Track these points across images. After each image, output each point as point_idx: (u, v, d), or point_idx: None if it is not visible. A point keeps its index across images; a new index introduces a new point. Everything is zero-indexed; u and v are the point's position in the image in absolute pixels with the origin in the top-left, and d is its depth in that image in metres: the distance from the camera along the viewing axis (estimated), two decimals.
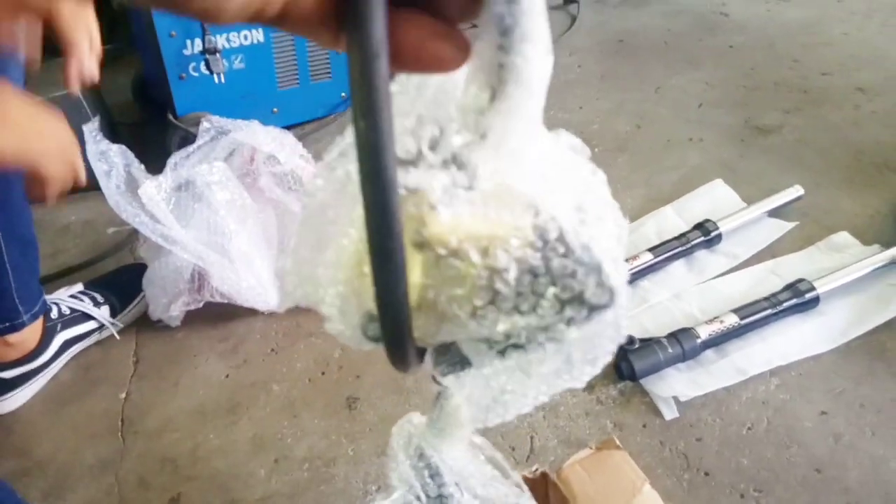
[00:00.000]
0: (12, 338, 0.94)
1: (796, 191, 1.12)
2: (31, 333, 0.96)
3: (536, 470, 0.55)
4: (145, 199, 1.00)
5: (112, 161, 0.99)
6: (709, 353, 0.90)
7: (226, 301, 1.04)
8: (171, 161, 1.04)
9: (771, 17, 1.87)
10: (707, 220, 1.07)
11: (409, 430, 0.44)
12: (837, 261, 1.01)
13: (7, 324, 0.92)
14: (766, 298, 0.93)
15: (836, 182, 1.21)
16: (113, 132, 1.47)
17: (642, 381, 0.88)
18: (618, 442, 0.56)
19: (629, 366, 0.88)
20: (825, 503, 0.74)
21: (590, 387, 0.91)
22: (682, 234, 1.06)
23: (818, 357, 0.89)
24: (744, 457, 0.79)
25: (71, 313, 1.02)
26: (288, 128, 1.14)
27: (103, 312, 1.05)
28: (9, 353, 0.95)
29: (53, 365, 1.01)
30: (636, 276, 1.02)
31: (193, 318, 1.07)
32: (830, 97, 1.48)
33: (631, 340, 0.89)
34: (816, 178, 1.21)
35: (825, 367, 0.88)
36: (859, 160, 1.27)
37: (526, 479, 0.57)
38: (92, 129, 0.96)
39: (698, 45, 1.75)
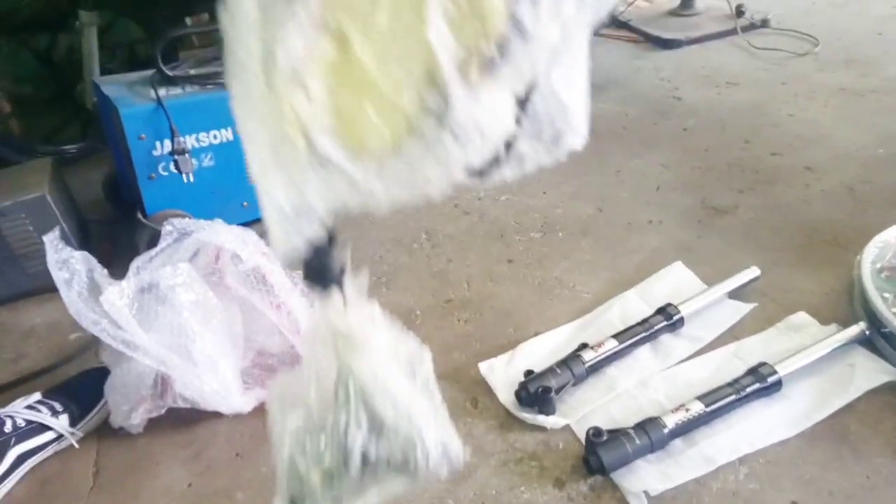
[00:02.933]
0: None
1: (753, 272, 1.15)
2: None
3: None
4: (107, 306, 0.99)
5: (74, 268, 0.99)
6: (677, 442, 0.90)
7: (189, 406, 1.02)
8: (133, 265, 1.04)
9: (721, 100, 1.97)
10: (669, 305, 1.09)
11: None
12: (797, 341, 1.03)
13: None
14: (729, 384, 0.94)
15: (791, 260, 1.25)
16: (84, 231, 1.48)
17: (613, 476, 0.87)
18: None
19: (598, 459, 0.87)
20: None
21: (559, 483, 0.89)
22: (646, 320, 1.08)
23: (785, 443, 0.89)
24: None
25: (27, 425, 0.99)
26: (257, 221, 1.16)
27: (62, 422, 1.02)
28: None
29: (7, 481, 0.97)
30: (602, 364, 1.03)
31: (156, 424, 1.04)
32: (781, 176, 1.55)
33: (598, 433, 0.89)
34: (772, 257, 1.25)
35: (792, 454, 0.88)
36: (812, 238, 1.32)
37: None
38: (53, 238, 0.96)
39: (654, 129, 1.83)
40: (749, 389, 0.93)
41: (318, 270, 0.53)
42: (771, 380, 0.94)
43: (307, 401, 0.57)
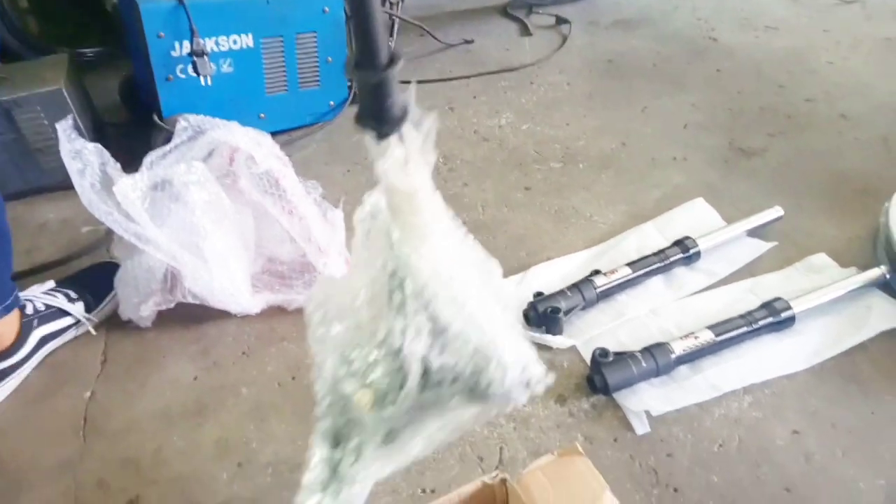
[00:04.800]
0: None
1: (776, 211, 1.12)
2: (6, 328, 0.95)
3: (496, 476, 0.54)
4: (120, 198, 0.98)
5: (87, 159, 0.98)
6: (683, 368, 0.89)
7: (198, 302, 1.02)
8: (146, 160, 1.03)
9: (759, 44, 1.90)
10: (686, 238, 1.07)
11: None
12: (815, 282, 1.01)
13: None
14: (741, 316, 0.92)
15: (816, 206, 1.22)
16: (100, 132, 1.47)
17: (615, 395, 0.87)
18: (580, 448, 0.55)
19: (602, 379, 0.87)
20: None
21: (562, 399, 0.90)
22: (661, 251, 1.06)
23: (792, 376, 0.89)
24: (714, 474, 0.78)
25: (46, 309, 1.00)
26: (274, 134, 1.14)
27: (78, 308, 1.04)
28: None
29: (30, 361, 0.99)
30: (614, 290, 1.02)
31: (164, 319, 1.05)
32: (814, 123, 1.49)
33: (605, 353, 0.88)
34: (798, 201, 1.21)
35: (799, 387, 0.87)
36: (840, 185, 1.28)
37: (485, 485, 0.56)
38: (66, 126, 0.95)
39: (686, 69, 1.77)
40: (761, 322, 0.91)
41: (375, 109, 0.41)
42: (784, 315, 0.92)
43: (355, 307, 0.47)
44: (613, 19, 2.06)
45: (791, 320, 0.92)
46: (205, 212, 1.03)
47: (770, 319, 0.92)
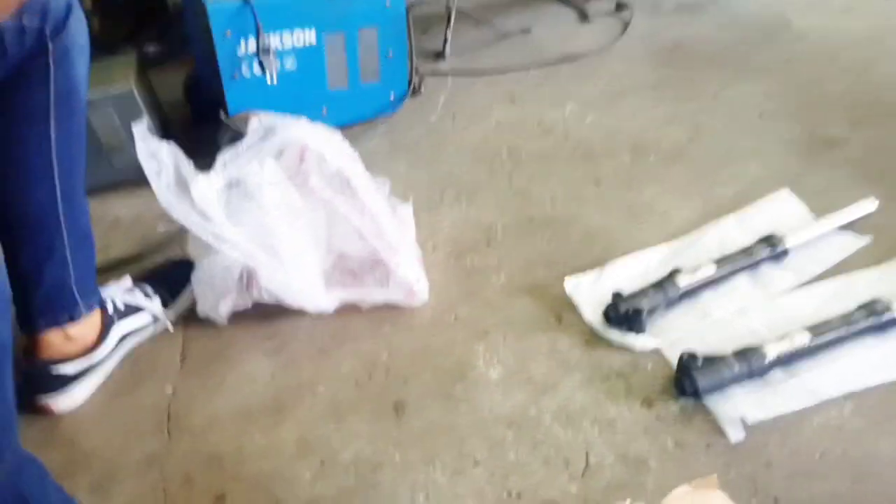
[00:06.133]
0: (73, 331, 0.94)
1: (870, 204, 1.06)
2: (90, 327, 0.97)
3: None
4: (197, 198, 0.99)
5: (162, 160, 0.98)
6: (777, 372, 0.86)
7: (273, 301, 1.03)
8: (220, 159, 1.03)
9: (835, 27, 1.80)
10: (772, 235, 1.02)
11: None
12: None
13: (67, 315, 0.92)
14: (839, 317, 0.88)
15: None
16: (165, 128, 1.49)
17: (705, 400, 0.84)
18: (717, 481, 0.52)
19: (692, 383, 0.84)
20: None
21: (648, 402, 0.87)
22: (747, 248, 1.01)
23: (895, 384, 0.84)
24: (815, 487, 0.75)
25: (125, 307, 1.02)
26: (336, 128, 1.13)
27: (156, 305, 1.05)
28: (70, 348, 0.95)
29: (113, 357, 1.01)
30: (698, 290, 0.98)
31: (241, 317, 1.07)
32: None
33: (694, 356, 0.85)
34: (889, 192, 1.14)
35: None
36: None
37: None
38: (141, 128, 0.96)
39: (756, 54, 1.69)
40: (861, 325, 0.87)
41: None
42: (886, 317, 0.87)
43: None
44: (676, 3, 1.99)
45: (893, 322, 0.87)
46: (279, 212, 1.03)
47: (872, 321, 0.87)
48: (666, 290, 0.96)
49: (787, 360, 0.85)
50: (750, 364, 0.84)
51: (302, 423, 0.92)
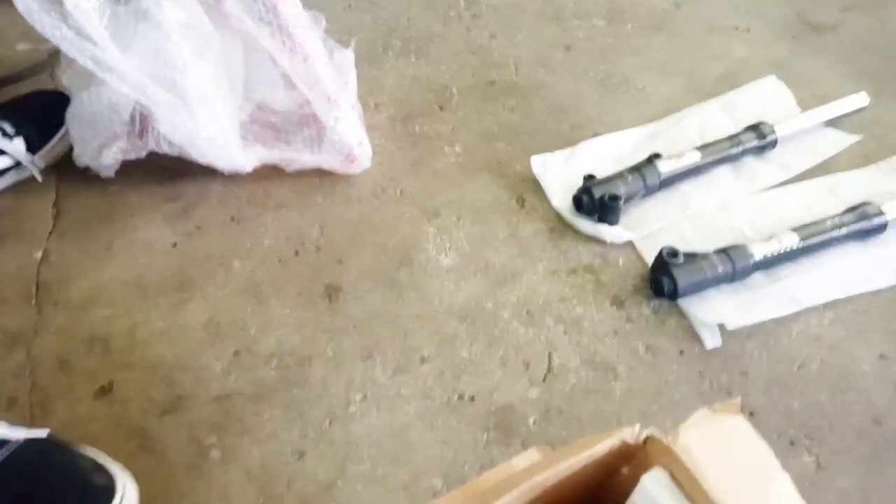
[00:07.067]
0: None
1: (861, 99, 0.97)
2: None
3: (639, 433, 0.41)
4: (70, 7, 0.74)
5: None
6: (758, 276, 0.78)
7: (175, 154, 0.82)
8: None
9: None
10: (762, 123, 0.91)
11: None
12: None
13: None
14: (828, 219, 0.80)
15: None
16: None
17: (681, 303, 0.75)
18: (739, 405, 0.42)
19: (671, 282, 0.74)
20: (886, 461, 0.65)
21: (618, 302, 0.77)
22: (734, 136, 0.90)
23: (880, 293, 0.78)
24: (794, 399, 0.69)
25: None
26: None
27: (17, 147, 0.82)
28: None
29: None
30: (679, 178, 0.87)
31: (132, 170, 0.86)
32: None
33: (674, 253, 0.75)
34: (877, 88, 1.05)
35: (885, 305, 0.77)
36: None
37: (624, 445, 0.42)
38: None
39: None
40: (852, 227, 0.79)
41: None
42: (877, 221, 0.80)
43: None
44: None
45: (882, 228, 0.81)
46: (183, 37, 0.80)
47: (862, 225, 0.79)
48: (645, 176, 0.84)
49: (772, 262, 0.77)
50: (734, 264, 0.75)
51: (212, 305, 0.76)
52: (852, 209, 0.81)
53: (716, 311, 0.74)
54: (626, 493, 0.45)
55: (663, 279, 0.75)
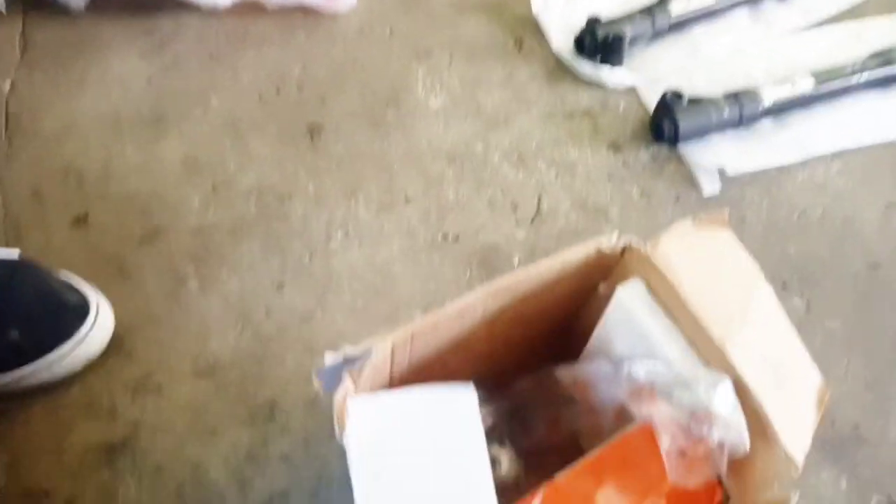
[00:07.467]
0: None
1: None
2: None
3: (616, 241, 0.38)
4: None
5: None
6: (766, 121, 0.73)
7: None
8: None
9: None
10: None
11: None
12: None
13: None
14: (848, 64, 0.74)
15: None
16: None
17: (682, 149, 0.71)
18: (727, 217, 0.39)
19: (672, 125, 0.70)
20: (878, 303, 0.63)
21: (615, 146, 0.73)
22: None
23: (890, 145, 0.74)
24: (791, 244, 0.66)
25: None
26: None
27: None
28: None
29: None
30: (690, 21, 0.80)
31: (104, 3, 0.80)
32: None
33: (678, 95, 0.70)
34: None
35: None
36: None
37: (600, 254, 0.40)
38: None
39: None
40: (874, 74, 0.74)
41: None
42: None
43: None
44: None
45: None
46: None
47: (885, 72, 0.74)
48: (654, 17, 0.78)
49: (782, 108, 0.72)
50: (742, 108, 0.70)
51: (189, 140, 0.73)
52: (876, 55, 0.75)
53: (717, 157, 0.70)
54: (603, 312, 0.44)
55: (664, 122, 0.70)
